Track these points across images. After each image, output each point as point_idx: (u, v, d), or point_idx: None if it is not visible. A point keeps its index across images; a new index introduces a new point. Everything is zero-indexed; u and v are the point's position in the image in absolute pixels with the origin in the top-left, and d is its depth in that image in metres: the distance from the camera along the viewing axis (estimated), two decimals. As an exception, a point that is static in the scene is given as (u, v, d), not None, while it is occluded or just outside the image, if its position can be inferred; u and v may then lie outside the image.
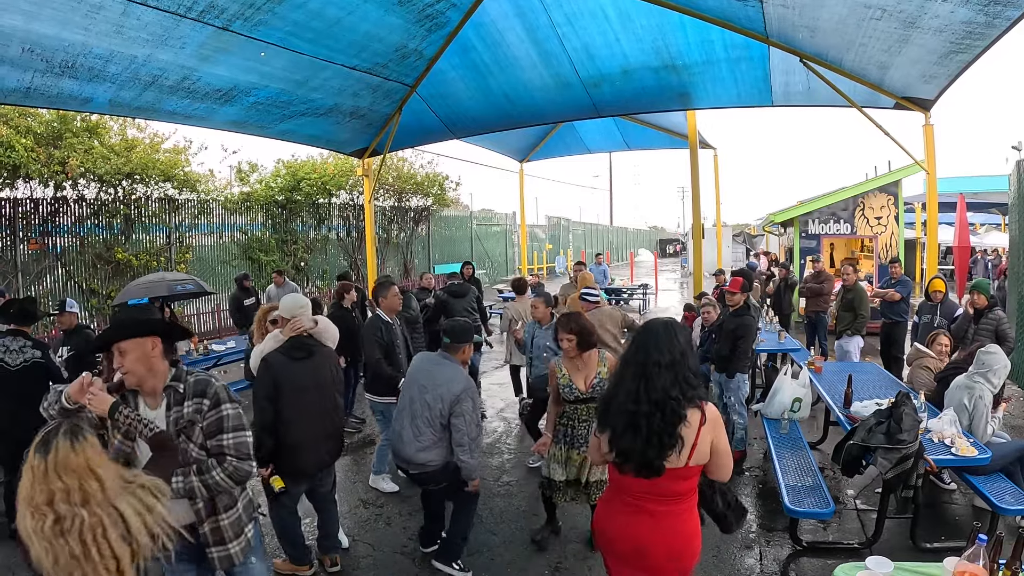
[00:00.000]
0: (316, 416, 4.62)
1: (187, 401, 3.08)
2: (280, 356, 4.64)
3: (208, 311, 16.09)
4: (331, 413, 4.78)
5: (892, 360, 9.88)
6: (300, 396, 4.52)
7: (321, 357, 4.77)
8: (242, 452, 3.12)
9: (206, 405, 3.10)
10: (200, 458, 3.06)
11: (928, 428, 5.28)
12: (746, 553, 5.29)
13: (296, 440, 4.49)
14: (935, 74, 7.73)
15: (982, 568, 2.64)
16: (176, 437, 3.00)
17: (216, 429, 3.10)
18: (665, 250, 61.60)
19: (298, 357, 4.62)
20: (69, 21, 6.70)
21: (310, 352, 4.70)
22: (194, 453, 3.05)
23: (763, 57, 8.91)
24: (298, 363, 4.60)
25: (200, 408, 3.09)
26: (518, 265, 28.26)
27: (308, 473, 4.70)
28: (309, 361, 4.66)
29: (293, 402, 4.49)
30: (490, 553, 5.38)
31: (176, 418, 3.05)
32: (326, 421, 4.72)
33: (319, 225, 19.99)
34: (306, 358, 4.65)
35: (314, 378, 4.64)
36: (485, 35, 9.39)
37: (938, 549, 4.90)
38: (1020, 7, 5.75)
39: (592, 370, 4.94)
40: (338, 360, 5.14)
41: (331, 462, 4.92)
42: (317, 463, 4.71)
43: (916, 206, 23.17)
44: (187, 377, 3.14)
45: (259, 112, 10.11)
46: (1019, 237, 10.31)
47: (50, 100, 8.41)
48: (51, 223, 12.78)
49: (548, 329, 6.89)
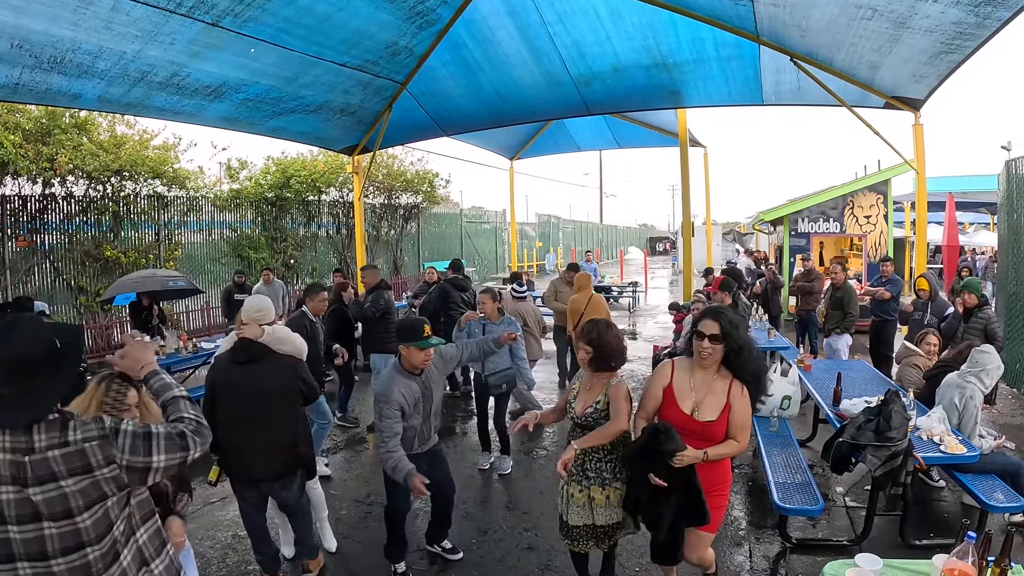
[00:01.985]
0: (253, 423, 4.34)
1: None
2: (223, 358, 4.58)
3: (197, 309, 16.03)
4: (276, 424, 4.45)
5: (881, 358, 9.92)
6: (234, 401, 4.34)
7: (268, 365, 4.50)
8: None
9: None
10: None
11: (917, 426, 5.30)
12: (736, 550, 5.30)
13: (232, 444, 4.31)
14: (925, 74, 7.77)
15: (971, 565, 2.64)
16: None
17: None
18: (655, 248, 61.54)
19: (239, 361, 4.46)
20: (58, 16, 6.68)
21: (253, 358, 4.45)
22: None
23: (754, 56, 8.94)
24: (238, 367, 4.43)
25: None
26: (508, 263, 28.21)
27: (255, 479, 4.48)
28: (251, 366, 4.42)
29: (226, 405, 4.35)
30: (479, 551, 5.37)
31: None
32: (269, 431, 4.39)
33: (309, 222, 19.95)
34: (247, 363, 4.44)
35: (255, 385, 4.36)
36: (476, 32, 9.40)
37: (927, 546, 4.91)
38: (1010, 8, 5.78)
39: (595, 395, 4.17)
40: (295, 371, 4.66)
41: (284, 473, 4.56)
42: (264, 472, 4.45)
43: (905, 205, 23.28)
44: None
45: (249, 109, 10.09)
46: (1008, 236, 10.36)
47: (39, 96, 8.38)
48: (39, 220, 12.70)
49: (500, 325, 6.88)
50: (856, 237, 16.42)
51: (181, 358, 9.29)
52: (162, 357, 9.17)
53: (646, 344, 13.86)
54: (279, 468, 4.53)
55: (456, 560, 5.17)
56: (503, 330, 5.88)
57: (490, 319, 7.02)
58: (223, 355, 4.64)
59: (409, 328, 4.49)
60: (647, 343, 13.97)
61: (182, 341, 9.75)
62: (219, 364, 4.56)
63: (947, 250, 18.21)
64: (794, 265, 13.54)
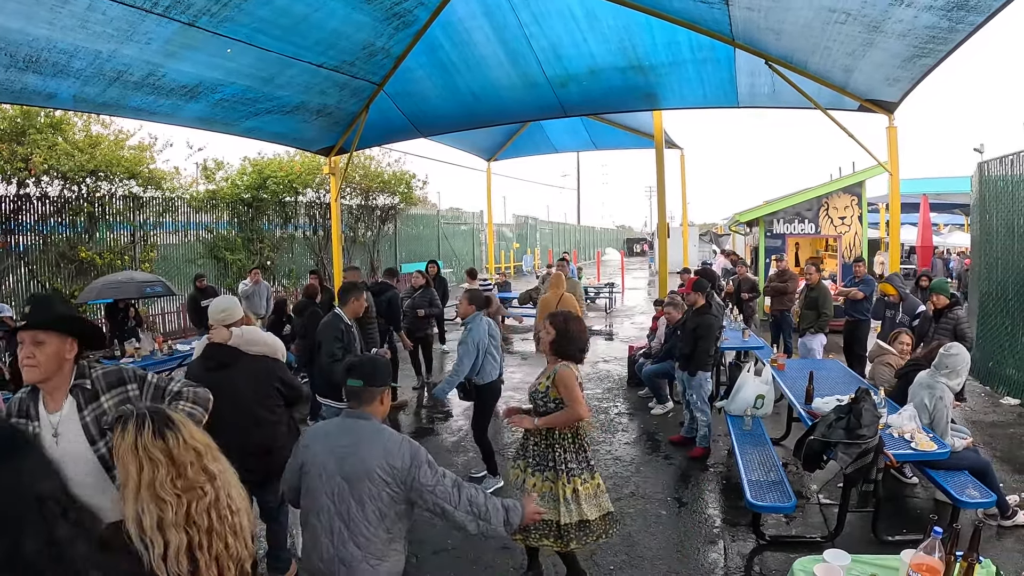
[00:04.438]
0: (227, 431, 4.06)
1: (104, 396, 2.88)
2: (195, 365, 4.47)
3: (173, 310, 15.94)
4: (249, 428, 4.30)
5: (855, 357, 10.04)
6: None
7: (240, 369, 4.33)
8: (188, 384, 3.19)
9: (133, 389, 2.97)
10: None
11: (888, 423, 5.37)
12: (710, 548, 5.35)
13: None
14: (898, 77, 7.85)
15: (938, 560, 2.68)
16: (101, 438, 2.79)
17: (159, 392, 3.08)
18: (632, 249, 61.85)
19: (209, 367, 4.31)
20: (34, 15, 6.62)
21: (222, 363, 4.30)
22: None
23: (729, 59, 9.00)
24: (209, 374, 4.22)
25: (126, 395, 2.93)
26: (486, 264, 28.22)
27: None
28: (221, 372, 4.24)
29: None
30: (455, 551, 5.38)
31: (97, 416, 2.82)
32: (242, 436, 4.11)
33: (285, 224, 19.84)
34: (217, 368, 4.27)
35: (227, 391, 3.98)
36: (453, 34, 9.40)
37: (900, 542, 4.97)
38: (983, 12, 5.86)
39: (544, 376, 4.42)
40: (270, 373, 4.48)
41: (258, 479, 4.27)
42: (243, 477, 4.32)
43: (880, 206, 23.52)
44: (91, 373, 2.90)
45: (225, 109, 10.03)
46: (980, 237, 10.50)
47: (14, 95, 8.31)
48: (13, 221, 12.56)
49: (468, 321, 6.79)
50: (831, 238, 16.57)
51: (156, 360, 9.24)
52: (137, 359, 9.13)
53: (622, 345, 13.93)
54: (252, 474, 4.42)
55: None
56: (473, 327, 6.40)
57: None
58: (195, 362, 4.54)
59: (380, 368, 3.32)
60: (623, 343, 14.03)
61: (157, 343, 9.70)
62: (191, 371, 4.38)
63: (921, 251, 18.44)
64: (769, 266, 13.64)
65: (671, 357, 8.34)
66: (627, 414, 9.12)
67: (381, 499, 2.92)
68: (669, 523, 5.81)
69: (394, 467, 2.92)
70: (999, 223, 9.64)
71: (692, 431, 7.62)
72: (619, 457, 7.48)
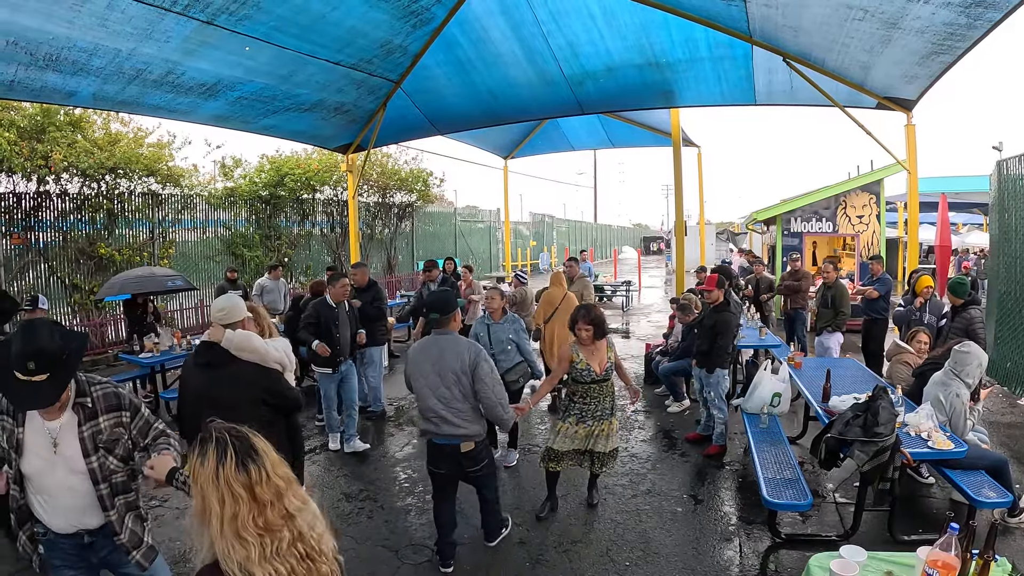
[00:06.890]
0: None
1: (101, 416, 3.12)
2: (190, 356, 4.45)
3: (191, 306, 16.02)
4: None
5: (872, 356, 9.99)
6: (191, 404, 4.21)
7: (226, 373, 4.11)
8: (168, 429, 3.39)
9: (126, 416, 3.21)
10: (116, 469, 3.15)
11: (905, 422, 5.34)
12: (725, 545, 5.35)
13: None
14: (917, 75, 7.80)
15: (954, 556, 2.68)
16: (94, 453, 3.07)
17: (146, 427, 3.29)
18: (649, 248, 61.61)
19: (198, 363, 4.21)
20: (53, 14, 6.69)
21: (209, 363, 4.15)
22: (112, 466, 3.13)
23: (746, 56, 8.98)
24: (197, 370, 4.21)
25: (121, 420, 3.18)
26: (502, 262, 28.24)
27: None
28: (208, 371, 4.13)
29: (185, 408, 4.31)
30: (472, 544, 5.41)
31: (93, 433, 3.07)
32: None
33: (303, 221, 19.86)
34: (204, 366, 4.16)
35: (208, 390, 4.03)
36: (470, 31, 9.42)
37: (916, 541, 4.92)
38: (1001, 9, 5.80)
39: (604, 355, 5.74)
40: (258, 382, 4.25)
41: None
42: None
43: (898, 205, 23.36)
44: (92, 391, 3.12)
45: (243, 107, 10.10)
46: (999, 236, 10.40)
47: (34, 94, 8.39)
48: (34, 218, 12.66)
49: (505, 323, 6.98)
50: (849, 237, 16.48)
51: (175, 355, 9.31)
52: (156, 354, 9.20)
53: (639, 343, 13.92)
54: None
55: None
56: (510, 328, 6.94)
57: (493, 317, 7.05)
58: (191, 355, 4.49)
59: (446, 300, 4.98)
60: (640, 341, 14.02)
61: (176, 338, 9.76)
62: (186, 363, 4.43)
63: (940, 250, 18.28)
64: (786, 264, 13.59)
65: (688, 355, 8.34)
66: (644, 412, 9.12)
67: (461, 384, 4.67)
68: (685, 520, 5.82)
69: (463, 361, 4.67)
70: (1018, 222, 9.49)
71: (708, 429, 7.61)
72: (635, 454, 7.48)
